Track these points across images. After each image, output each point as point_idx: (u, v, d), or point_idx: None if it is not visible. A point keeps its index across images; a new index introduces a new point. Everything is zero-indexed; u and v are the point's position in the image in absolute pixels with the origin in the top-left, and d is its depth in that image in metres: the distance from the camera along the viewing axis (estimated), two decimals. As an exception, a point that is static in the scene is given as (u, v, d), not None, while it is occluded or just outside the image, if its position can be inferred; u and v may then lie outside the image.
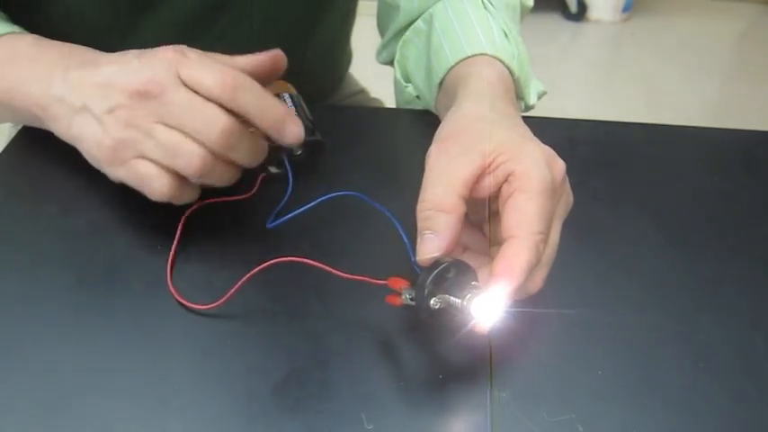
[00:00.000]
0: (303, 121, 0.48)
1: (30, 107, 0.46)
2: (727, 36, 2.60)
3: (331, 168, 0.51)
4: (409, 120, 0.60)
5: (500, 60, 0.48)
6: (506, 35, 0.51)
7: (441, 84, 0.52)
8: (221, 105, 0.40)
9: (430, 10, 0.56)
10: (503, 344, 0.39)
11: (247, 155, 0.42)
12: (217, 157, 0.41)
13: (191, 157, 0.40)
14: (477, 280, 0.36)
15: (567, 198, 0.41)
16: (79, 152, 0.45)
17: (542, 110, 0.56)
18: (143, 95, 0.40)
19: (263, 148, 0.43)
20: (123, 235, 0.45)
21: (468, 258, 0.39)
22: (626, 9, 2.57)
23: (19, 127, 0.53)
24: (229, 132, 0.40)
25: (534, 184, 0.36)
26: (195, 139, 0.40)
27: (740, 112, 2.09)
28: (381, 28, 0.64)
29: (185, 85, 0.40)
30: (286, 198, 0.45)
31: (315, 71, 0.58)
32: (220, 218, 0.46)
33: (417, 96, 0.58)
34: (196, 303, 0.40)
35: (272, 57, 0.46)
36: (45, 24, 0.51)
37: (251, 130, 0.42)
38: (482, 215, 0.41)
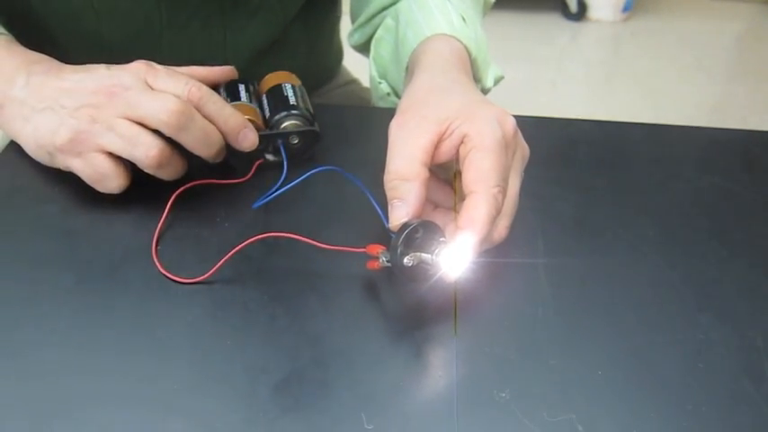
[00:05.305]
0: (302, 112, 0.50)
1: None
2: (727, 36, 2.60)
3: (326, 158, 0.52)
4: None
5: (457, 39, 0.51)
6: (464, 20, 0.53)
7: (407, 68, 0.53)
8: None
9: (396, 6, 0.59)
10: (504, 343, 0.39)
11: (200, 139, 0.45)
12: (172, 148, 0.44)
13: (149, 147, 0.43)
14: (444, 236, 0.39)
15: (523, 151, 0.43)
16: None
17: (542, 110, 0.56)
18: (108, 95, 0.44)
19: (216, 133, 0.46)
20: (123, 235, 0.45)
21: (440, 215, 0.43)
22: (626, 9, 2.57)
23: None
24: (180, 113, 0.43)
25: (487, 141, 0.39)
26: (153, 130, 0.43)
27: (740, 112, 2.09)
28: (354, 15, 0.67)
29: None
30: (278, 184, 0.46)
31: (303, 66, 0.59)
32: (214, 200, 0.48)
33: (388, 93, 0.61)
34: (181, 276, 0.41)
35: (226, 71, 0.52)
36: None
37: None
38: (450, 174, 0.44)
